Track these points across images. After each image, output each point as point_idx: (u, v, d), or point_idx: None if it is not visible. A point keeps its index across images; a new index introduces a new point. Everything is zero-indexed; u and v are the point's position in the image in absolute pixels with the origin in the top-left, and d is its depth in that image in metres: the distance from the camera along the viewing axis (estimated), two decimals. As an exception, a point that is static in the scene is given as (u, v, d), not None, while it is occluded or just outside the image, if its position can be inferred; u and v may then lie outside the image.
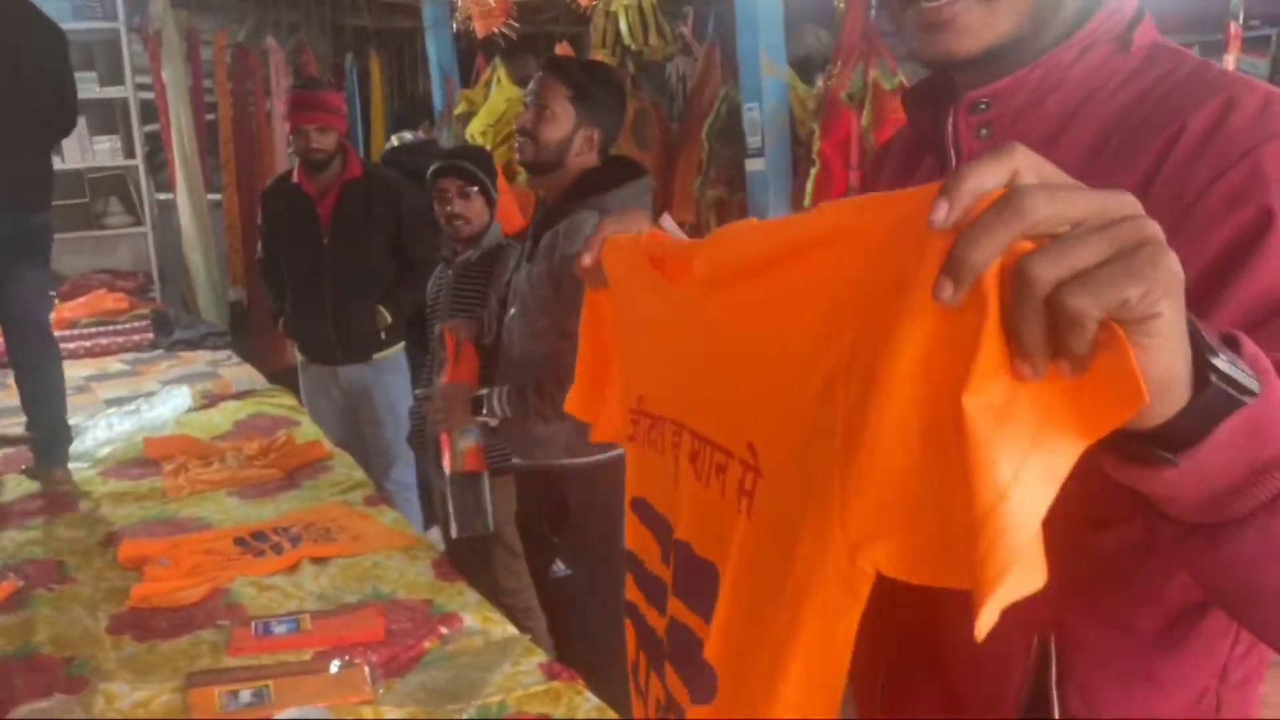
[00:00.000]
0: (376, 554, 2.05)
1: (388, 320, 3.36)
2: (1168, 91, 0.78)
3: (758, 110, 3.40)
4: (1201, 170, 0.72)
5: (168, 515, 2.32)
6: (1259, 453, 0.55)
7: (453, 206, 2.72)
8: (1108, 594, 0.80)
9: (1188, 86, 0.78)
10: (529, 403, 2.15)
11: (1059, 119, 0.82)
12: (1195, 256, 0.69)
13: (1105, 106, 0.80)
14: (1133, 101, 0.80)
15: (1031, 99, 0.83)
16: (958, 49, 0.81)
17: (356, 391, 3.47)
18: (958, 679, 0.87)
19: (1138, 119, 0.78)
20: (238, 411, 3.15)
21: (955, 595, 0.83)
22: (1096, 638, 0.81)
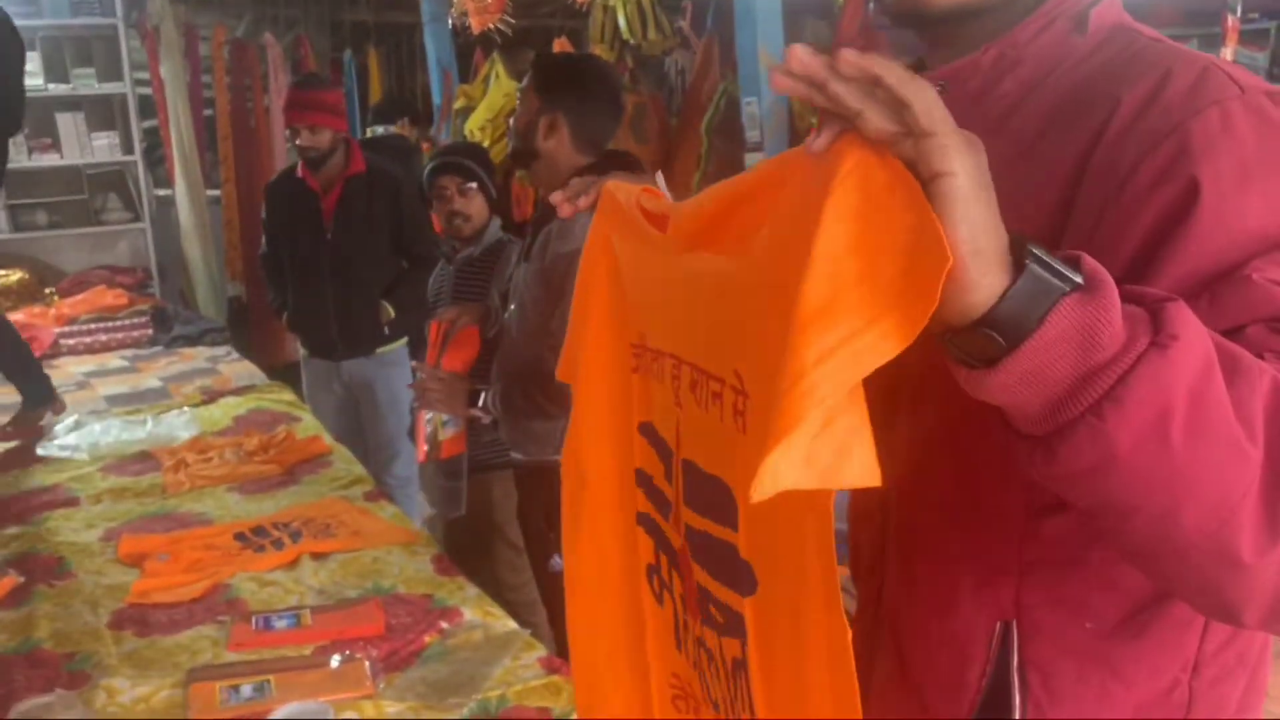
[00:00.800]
0: (376, 549, 2.05)
1: (390, 315, 3.37)
2: (1113, 68, 0.77)
3: (757, 104, 3.40)
4: (1131, 146, 0.71)
5: (168, 511, 2.32)
6: (1088, 357, 0.56)
7: (452, 204, 2.73)
8: (1067, 578, 0.80)
9: (1132, 63, 0.77)
10: (515, 404, 2.16)
11: (1014, 98, 0.81)
12: (1127, 234, 0.70)
13: (1058, 86, 0.79)
14: (1081, 80, 0.79)
15: (988, 80, 0.82)
16: (930, 3, 0.81)
17: (358, 386, 3.48)
18: (918, 662, 0.88)
19: (1081, 96, 0.77)
20: (237, 407, 3.15)
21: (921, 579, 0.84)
22: (1057, 623, 0.81)
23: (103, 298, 4.42)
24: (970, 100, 0.82)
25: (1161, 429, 0.56)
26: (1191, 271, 0.68)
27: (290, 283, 3.48)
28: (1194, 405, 0.56)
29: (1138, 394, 0.56)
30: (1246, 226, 0.67)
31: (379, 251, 3.40)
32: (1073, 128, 0.75)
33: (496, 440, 2.63)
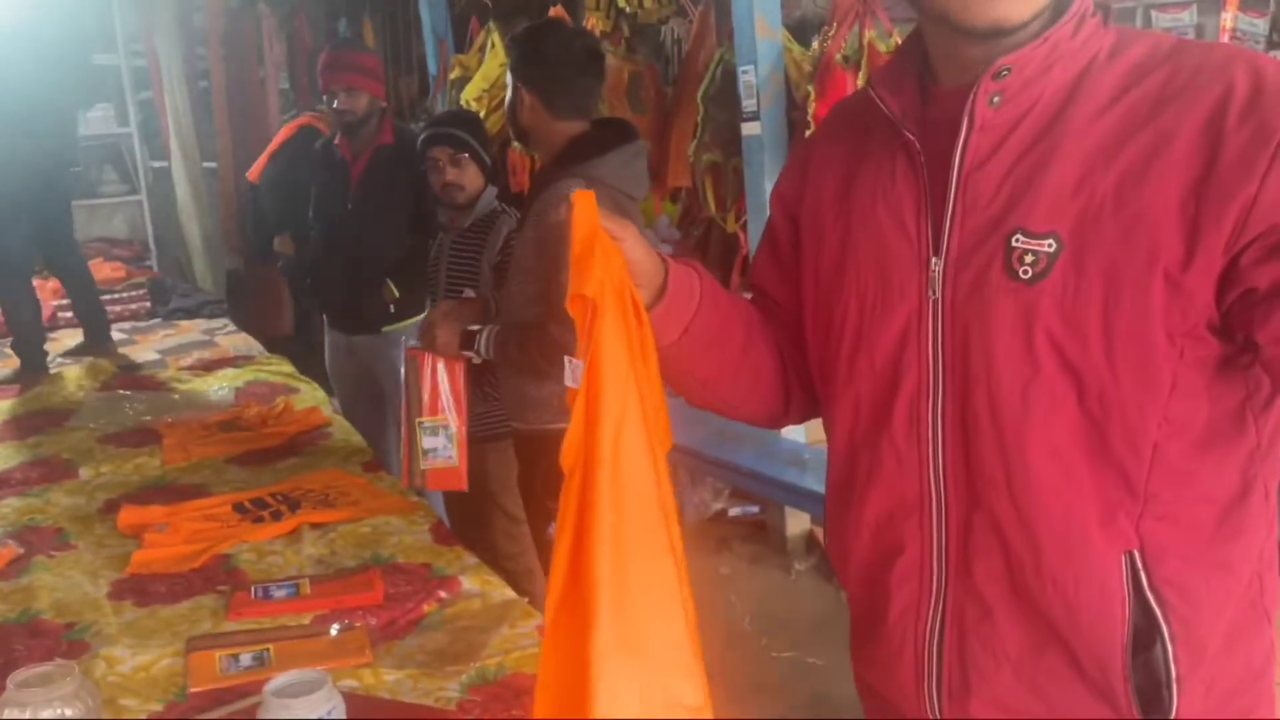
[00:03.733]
0: (375, 519, 2.06)
1: (395, 295, 3.31)
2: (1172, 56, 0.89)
3: (753, 73, 3.38)
4: (1274, 111, 0.82)
5: (167, 482, 2.33)
6: None
7: (445, 175, 2.72)
8: (1178, 498, 0.91)
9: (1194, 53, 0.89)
10: (510, 353, 2.17)
11: (1065, 86, 0.91)
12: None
13: (1103, 75, 0.90)
14: (1136, 66, 0.90)
15: (1040, 69, 0.92)
16: (1011, 16, 0.89)
17: (369, 363, 3.47)
18: (1057, 612, 0.94)
19: (1156, 80, 0.88)
20: (236, 379, 3.16)
21: (1042, 533, 0.88)
22: (1176, 540, 0.91)
23: (100, 270, 4.41)
24: (1023, 84, 0.92)
25: None
26: None
27: (316, 251, 3.47)
28: None
29: None
30: None
31: (398, 226, 3.32)
32: (1176, 118, 0.86)
33: (491, 412, 2.64)
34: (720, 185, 3.87)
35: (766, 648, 3.09)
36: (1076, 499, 0.90)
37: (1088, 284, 0.87)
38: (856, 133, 1.06)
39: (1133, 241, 0.85)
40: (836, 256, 1.04)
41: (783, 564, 3.60)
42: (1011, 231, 0.90)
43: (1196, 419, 0.89)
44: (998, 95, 0.92)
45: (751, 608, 3.32)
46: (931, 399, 0.96)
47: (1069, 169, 0.88)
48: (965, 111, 0.92)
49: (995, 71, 0.91)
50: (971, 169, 0.93)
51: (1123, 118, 0.88)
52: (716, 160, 3.82)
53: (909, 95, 0.99)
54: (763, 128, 3.41)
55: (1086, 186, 0.87)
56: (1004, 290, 0.90)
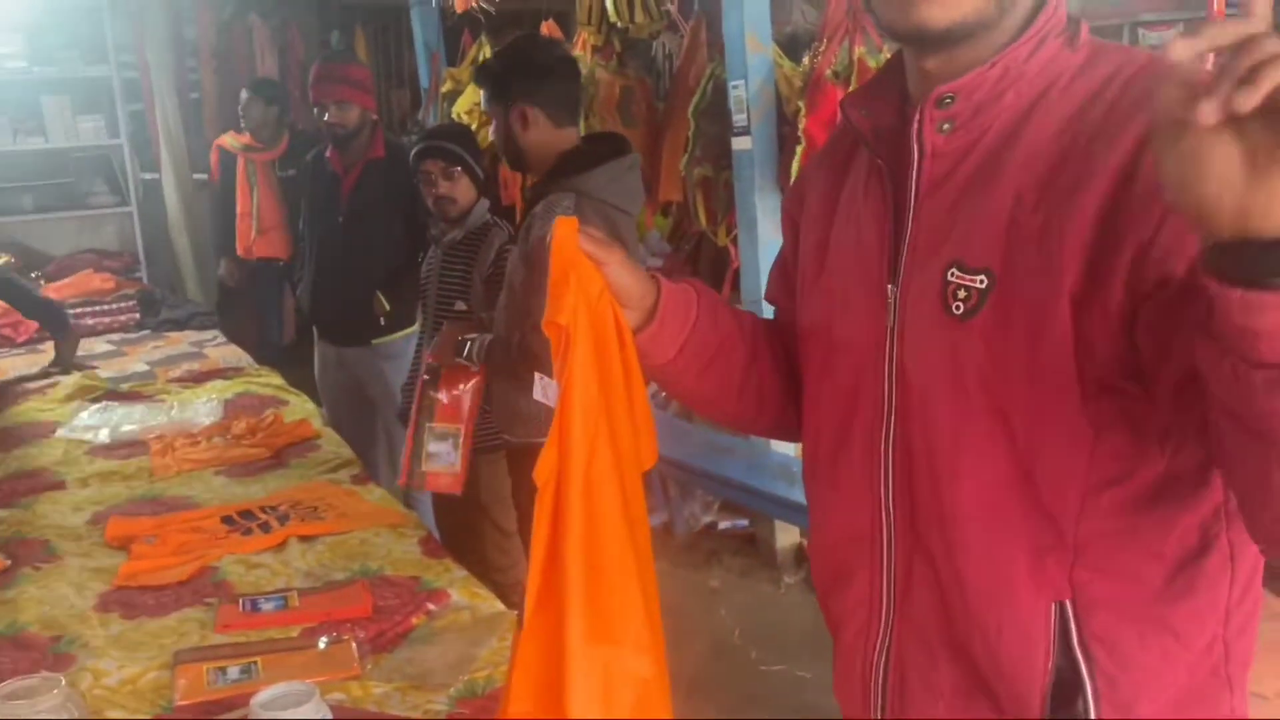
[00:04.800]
0: (364, 531, 2.06)
1: (385, 307, 3.31)
2: (1131, 79, 0.84)
3: (744, 88, 3.40)
4: None
5: (155, 494, 2.32)
6: None
7: (438, 188, 2.72)
8: (1117, 550, 0.86)
9: (1150, 74, 0.83)
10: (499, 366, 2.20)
11: (1017, 113, 0.88)
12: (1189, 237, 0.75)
13: (1062, 99, 0.86)
14: (1092, 91, 0.85)
15: (991, 94, 0.88)
16: (933, 19, 0.85)
17: (358, 374, 3.47)
18: (980, 658, 0.91)
19: (1103, 105, 0.83)
20: (225, 391, 3.15)
21: (969, 575, 0.87)
22: (1112, 594, 0.87)
23: (89, 282, 4.40)
24: (974, 109, 0.89)
25: None
26: None
27: (307, 263, 3.48)
28: None
29: None
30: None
31: (389, 239, 3.32)
32: (1105, 138, 0.82)
33: (483, 424, 2.63)
34: (711, 199, 3.89)
35: (756, 660, 3.08)
36: (1005, 543, 0.88)
37: (1013, 323, 0.84)
38: (846, 151, 1.05)
39: (1050, 275, 0.82)
40: (814, 275, 1.04)
41: (772, 577, 3.60)
42: (949, 264, 0.88)
43: (1136, 470, 0.85)
44: (947, 122, 0.90)
45: (741, 621, 3.32)
46: (884, 429, 0.94)
47: (1005, 201, 0.85)
48: (913, 138, 0.91)
49: (937, 99, 0.89)
50: (924, 197, 0.91)
51: (1065, 147, 0.84)
52: (708, 174, 3.83)
53: (886, 114, 0.97)
54: (753, 142, 3.42)
55: (1018, 220, 0.84)
56: (939, 325, 0.88)
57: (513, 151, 2.29)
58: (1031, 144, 0.86)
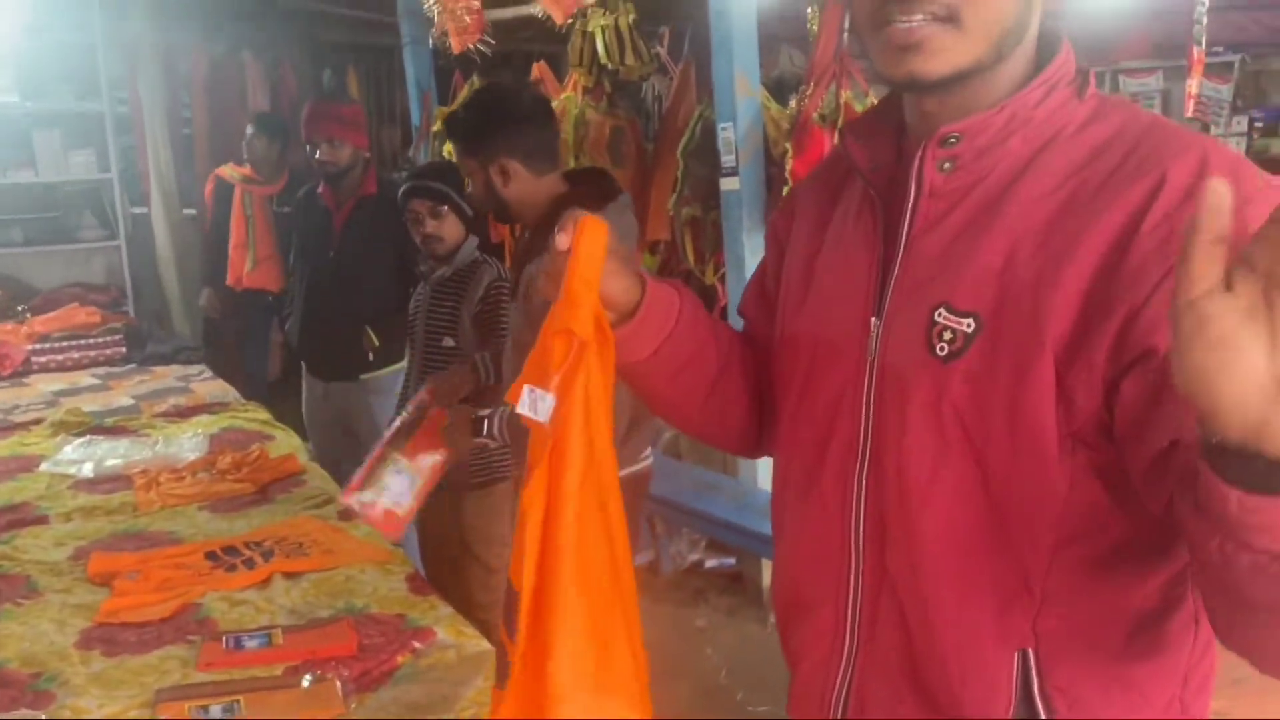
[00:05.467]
0: (349, 568, 2.05)
1: (374, 343, 3.33)
2: (1135, 140, 0.84)
3: (732, 130, 3.44)
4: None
5: (138, 529, 2.30)
6: None
7: (425, 227, 2.74)
8: (1082, 605, 0.86)
9: (1155, 135, 0.83)
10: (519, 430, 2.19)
11: (1021, 159, 0.87)
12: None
13: (1066, 150, 0.86)
14: (1096, 147, 0.85)
15: (997, 138, 0.88)
16: (926, 70, 0.85)
17: (345, 410, 3.46)
18: (942, 699, 0.91)
19: (1106, 164, 0.83)
20: (211, 425, 3.14)
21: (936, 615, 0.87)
22: (1075, 646, 0.86)
23: (75, 315, 4.39)
24: (977, 153, 0.88)
25: None
26: None
27: (296, 297, 3.49)
28: None
29: None
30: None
31: (379, 275, 3.34)
32: (1108, 192, 0.82)
33: (472, 460, 2.63)
34: (699, 238, 3.92)
35: (744, 701, 3.06)
36: (973, 586, 0.87)
37: (997, 369, 0.83)
38: (840, 177, 1.05)
39: (1037, 326, 0.82)
40: (799, 299, 1.04)
41: (759, 616, 3.58)
42: (937, 304, 0.87)
43: (1107, 527, 0.85)
44: (949, 161, 0.90)
45: (728, 660, 3.30)
46: (858, 461, 0.94)
47: (1001, 247, 0.85)
48: (912, 175, 0.91)
49: (941, 138, 0.89)
50: (918, 234, 0.91)
51: (1066, 200, 0.84)
52: (696, 214, 3.87)
53: (882, 147, 0.97)
54: (741, 183, 3.46)
55: (1013, 268, 0.84)
56: (921, 365, 0.88)
57: (496, 204, 2.24)
58: (1033, 193, 0.86)
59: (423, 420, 2.38)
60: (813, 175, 1.14)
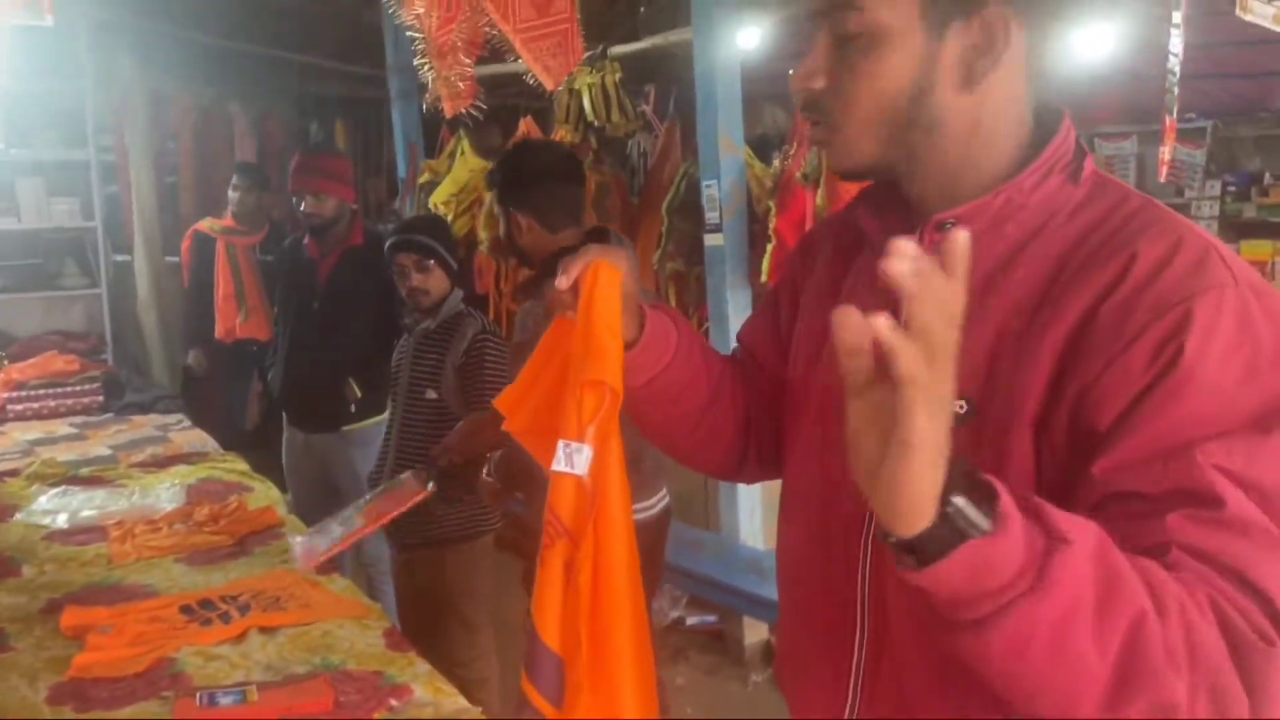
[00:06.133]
0: (326, 623, 2.02)
1: (356, 394, 3.32)
2: (1120, 223, 0.86)
3: (716, 187, 3.48)
4: (1142, 309, 0.80)
5: (113, 582, 2.27)
6: (980, 583, 0.68)
7: (411, 280, 2.75)
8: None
9: (1138, 219, 0.86)
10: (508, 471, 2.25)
11: (1016, 243, 0.89)
12: (1125, 388, 0.79)
13: (1058, 234, 0.88)
14: (1085, 230, 0.87)
15: (993, 223, 0.90)
16: (837, 167, 0.94)
17: (326, 461, 3.44)
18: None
19: (1090, 247, 0.86)
20: (188, 476, 3.11)
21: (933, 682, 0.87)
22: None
23: (54, 363, 4.35)
24: (974, 238, 0.89)
25: (1022, 648, 0.70)
26: (1160, 433, 0.77)
27: (279, 347, 3.48)
28: (1054, 632, 0.69)
29: (1009, 622, 0.69)
30: (1212, 407, 0.76)
31: (362, 326, 3.34)
32: (1086, 273, 0.84)
33: (452, 515, 2.62)
34: (683, 293, 3.95)
35: (723, 762, 3.02)
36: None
37: (983, 448, 0.85)
38: (854, 237, 1.07)
39: (1016, 404, 0.84)
40: (812, 354, 1.06)
41: (740, 675, 3.55)
42: None
43: None
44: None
45: None
46: (865, 526, 0.95)
47: (990, 331, 0.87)
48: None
49: (938, 223, 0.91)
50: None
51: (1050, 283, 0.86)
52: (680, 269, 3.90)
53: (894, 218, 0.99)
54: (725, 239, 3.50)
55: (999, 351, 0.87)
56: None
57: (515, 250, 2.43)
58: (1023, 277, 0.88)
59: (405, 500, 2.40)
60: (832, 224, 1.16)
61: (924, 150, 0.91)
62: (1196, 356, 0.77)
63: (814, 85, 0.91)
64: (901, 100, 0.89)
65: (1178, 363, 0.77)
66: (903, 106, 0.89)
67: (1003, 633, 0.69)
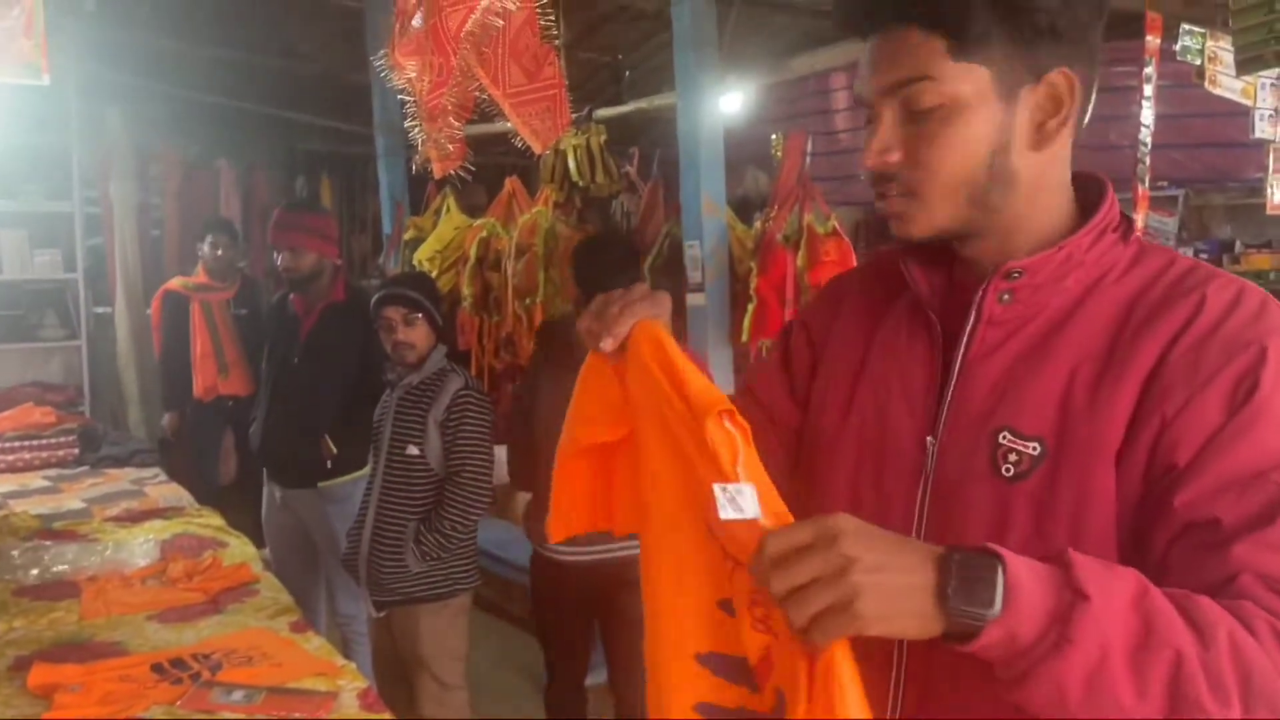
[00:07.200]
0: (299, 682, 1.99)
1: (332, 450, 3.30)
2: (1179, 276, 0.93)
3: (698, 247, 3.52)
4: (1215, 349, 0.86)
5: (83, 639, 2.23)
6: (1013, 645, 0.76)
7: (397, 334, 2.76)
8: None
9: (1199, 272, 0.93)
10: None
11: (1074, 296, 0.96)
12: (1205, 423, 0.84)
13: (1116, 288, 0.94)
14: (1144, 284, 0.94)
15: (1055, 275, 0.95)
16: (907, 233, 0.98)
17: (303, 516, 3.41)
18: None
19: (1153, 297, 0.92)
20: (163, 531, 3.06)
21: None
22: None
23: (30, 415, 4.31)
24: (1034, 288, 0.96)
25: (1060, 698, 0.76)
26: (1237, 464, 0.82)
27: (259, 401, 3.48)
28: (1087, 682, 0.75)
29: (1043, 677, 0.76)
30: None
31: (342, 383, 3.34)
32: (1150, 324, 0.90)
33: (428, 573, 2.60)
34: (664, 352, 3.96)
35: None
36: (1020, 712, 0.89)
37: (1061, 488, 0.89)
38: (890, 292, 1.09)
39: (1099, 445, 0.89)
40: (842, 409, 1.07)
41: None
42: (1000, 427, 0.93)
43: None
44: (1008, 294, 0.96)
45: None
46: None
47: (1061, 374, 0.92)
48: (975, 303, 0.97)
49: (1007, 272, 0.96)
50: (975, 359, 0.97)
51: (1118, 330, 0.92)
52: (662, 327, 3.92)
53: (938, 274, 1.04)
54: (707, 299, 3.53)
55: (1073, 394, 0.91)
56: (985, 481, 0.93)
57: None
58: (1086, 326, 0.93)
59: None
60: (857, 278, 1.19)
61: (1000, 208, 0.96)
62: (1270, 391, 0.84)
63: (890, 159, 0.95)
64: (982, 165, 0.94)
65: (1253, 398, 0.84)
66: (983, 170, 0.94)
67: (1039, 687, 0.76)
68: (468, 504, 2.68)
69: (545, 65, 2.47)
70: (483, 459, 2.72)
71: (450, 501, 2.67)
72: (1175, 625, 0.75)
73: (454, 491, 2.68)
